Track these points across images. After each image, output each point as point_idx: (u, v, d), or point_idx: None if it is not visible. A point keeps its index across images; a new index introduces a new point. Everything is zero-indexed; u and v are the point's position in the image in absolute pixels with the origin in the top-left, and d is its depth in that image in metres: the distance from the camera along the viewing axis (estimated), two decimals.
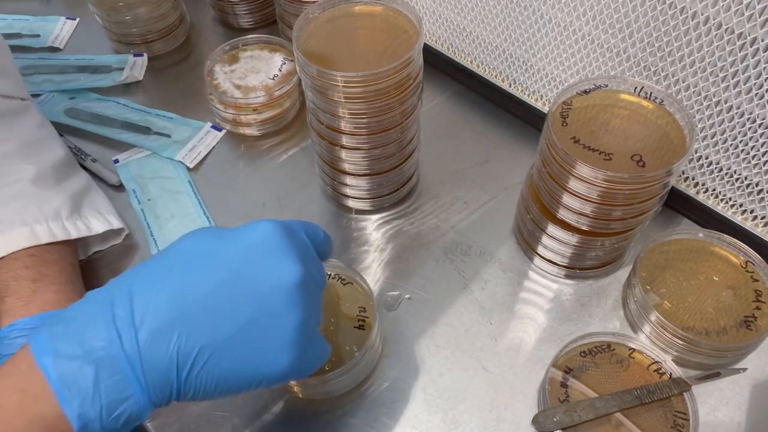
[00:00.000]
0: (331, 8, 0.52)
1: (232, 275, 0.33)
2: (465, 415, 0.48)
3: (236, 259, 0.33)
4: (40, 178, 0.53)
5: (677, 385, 0.46)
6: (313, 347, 0.36)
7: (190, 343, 0.31)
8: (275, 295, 0.33)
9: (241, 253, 0.34)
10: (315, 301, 0.36)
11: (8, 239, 0.49)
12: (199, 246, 0.34)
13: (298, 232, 0.37)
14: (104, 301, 0.32)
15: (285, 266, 0.34)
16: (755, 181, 0.51)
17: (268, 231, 0.35)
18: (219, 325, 0.32)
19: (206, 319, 0.31)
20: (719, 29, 0.45)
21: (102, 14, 0.75)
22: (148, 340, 0.31)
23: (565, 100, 0.48)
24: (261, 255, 0.34)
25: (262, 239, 0.34)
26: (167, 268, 0.33)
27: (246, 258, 0.33)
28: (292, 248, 0.34)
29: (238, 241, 0.34)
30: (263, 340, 0.33)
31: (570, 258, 0.53)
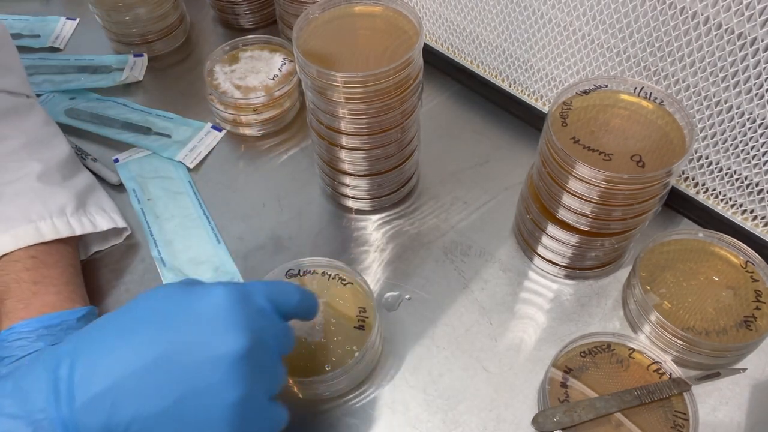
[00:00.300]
0: (331, 8, 0.52)
1: (172, 346, 0.32)
2: (465, 415, 0.48)
3: (180, 328, 0.33)
4: (46, 175, 0.53)
5: (677, 385, 0.46)
6: (260, 418, 0.35)
7: (121, 414, 0.31)
8: (212, 369, 0.32)
9: (185, 322, 0.33)
10: (266, 371, 0.35)
11: (13, 236, 0.49)
12: (150, 311, 0.34)
13: (255, 297, 0.35)
14: (50, 362, 0.32)
15: (225, 338, 0.33)
16: (755, 181, 0.51)
17: (218, 299, 0.34)
18: (152, 398, 0.31)
19: (140, 391, 0.31)
20: (719, 29, 0.45)
21: (102, 14, 0.75)
22: (82, 408, 0.31)
23: (565, 100, 0.48)
24: (204, 325, 0.33)
25: (209, 307, 0.33)
26: (113, 333, 0.33)
27: (189, 328, 0.33)
28: (237, 317, 0.33)
29: (188, 309, 0.33)
30: (198, 414, 0.32)
31: (570, 258, 0.53)
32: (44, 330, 0.45)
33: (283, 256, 0.57)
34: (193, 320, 0.33)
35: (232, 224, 0.60)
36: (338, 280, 0.50)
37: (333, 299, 0.49)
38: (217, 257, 0.57)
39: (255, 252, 0.58)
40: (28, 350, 0.44)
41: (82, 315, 0.48)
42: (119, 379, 0.31)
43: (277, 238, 0.59)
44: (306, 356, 0.46)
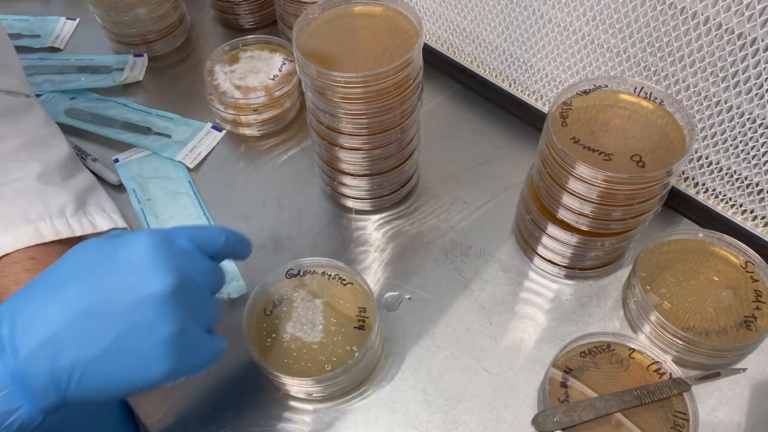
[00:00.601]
0: (331, 9, 0.52)
1: (102, 293, 0.34)
2: (465, 415, 0.48)
3: (109, 274, 0.35)
4: (45, 175, 0.53)
5: (677, 385, 0.46)
6: (196, 350, 0.37)
7: (63, 360, 0.33)
8: (144, 308, 0.34)
9: (114, 268, 0.35)
10: (197, 306, 0.37)
11: (13, 237, 0.49)
12: (78, 263, 0.36)
13: (178, 240, 0.38)
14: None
15: (152, 279, 0.35)
16: (755, 181, 0.51)
17: (140, 244, 0.36)
18: (89, 343, 0.34)
19: (77, 337, 0.33)
20: (719, 29, 0.45)
21: (102, 14, 0.75)
22: (26, 359, 0.33)
23: (565, 100, 0.48)
24: (131, 270, 0.35)
25: (135, 252, 0.36)
26: (47, 289, 0.35)
27: (117, 274, 0.35)
28: (161, 258, 0.36)
29: (115, 256, 0.36)
30: (136, 351, 0.34)
31: (570, 258, 0.53)
32: None
33: (283, 256, 0.57)
34: (121, 267, 0.35)
35: (232, 224, 0.60)
36: (338, 280, 0.50)
37: (333, 299, 0.49)
38: None
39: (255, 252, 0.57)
40: None
41: None
42: (56, 329, 0.33)
43: (277, 238, 0.59)
44: (306, 356, 0.46)
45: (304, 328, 0.48)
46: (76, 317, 0.34)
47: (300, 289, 0.50)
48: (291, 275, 0.51)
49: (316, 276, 0.51)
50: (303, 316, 0.48)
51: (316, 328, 0.48)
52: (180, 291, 0.36)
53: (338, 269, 0.51)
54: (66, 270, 0.36)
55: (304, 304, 0.49)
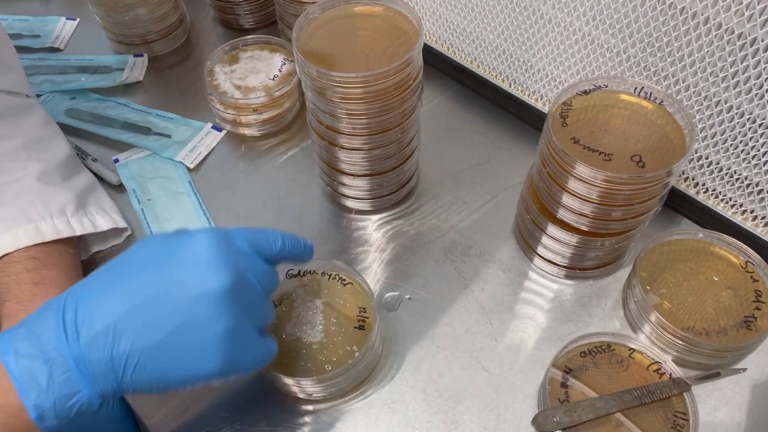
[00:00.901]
0: (331, 9, 0.52)
1: (162, 286, 0.36)
2: (465, 415, 0.48)
3: (168, 270, 0.36)
4: (46, 175, 0.53)
5: (677, 386, 0.46)
6: (248, 349, 0.38)
7: (122, 347, 0.34)
8: (201, 303, 0.35)
9: (173, 264, 0.36)
10: (251, 307, 0.38)
11: (13, 237, 0.49)
12: (142, 257, 0.37)
13: (236, 241, 0.39)
14: (57, 308, 0.35)
15: (211, 276, 0.36)
16: (755, 181, 0.51)
17: (201, 242, 0.37)
18: (148, 332, 0.35)
19: (137, 326, 0.35)
20: (719, 29, 0.45)
21: (102, 15, 0.75)
22: (87, 344, 0.34)
23: (564, 100, 0.48)
24: (192, 265, 0.36)
25: (195, 250, 0.37)
26: (111, 280, 0.37)
27: (177, 269, 0.36)
28: (220, 257, 0.36)
29: (176, 253, 0.37)
30: (191, 345, 0.36)
31: (570, 258, 0.53)
32: None
33: None
34: (181, 262, 0.36)
35: (232, 224, 0.60)
36: (338, 280, 0.50)
37: (333, 299, 0.49)
38: None
39: None
40: None
41: None
42: (116, 318, 0.35)
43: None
44: (306, 356, 0.46)
45: (304, 328, 0.48)
46: (135, 307, 0.35)
47: (300, 289, 0.50)
48: (291, 275, 0.51)
49: (316, 276, 0.51)
50: (303, 316, 0.48)
51: (316, 328, 0.48)
52: (235, 290, 0.36)
53: (338, 269, 0.51)
54: (129, 262, 0.37)
55: (304, 305, 0.49)
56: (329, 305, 0.49)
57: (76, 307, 0.35)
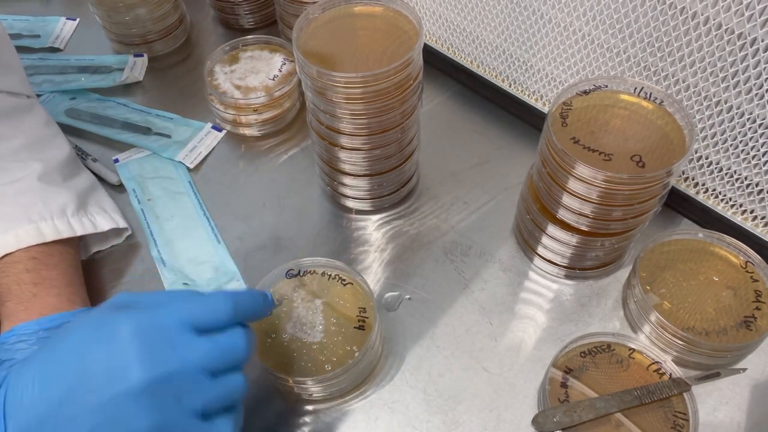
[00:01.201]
0: (331, 9, 0.52)
1: (86, 380, 0.34)
2: (465, 415, 0.48)
3: (93, 361, 0.34)
4: (47, 175, 0.53)
5: (677, 386, 0.46)
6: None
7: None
8: (118, 401, 0.34)
9: (99, 354, 0.34)
10: (187, 394, 0.35)
11: (14, 236, 0.49)
12: (74, 340, 0.36)
13: (165, 327, 0.36)
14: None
15: (128, 370, 0.34)
16: (755, 181, 0.51)
17: (125, 330, 0.35)
18: (69, 430, 0.33)
19: (57, 424, 0.33)
20: (719, 29, 0.45)
21: (102, 15, 0.75)
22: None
23: (564, 100, 0.48)
24: (113, 357, 0.34)
25: (119, 339, 0.35)
26: (41, 364, 0.35)
27: (101, 360, 0.34)
28: (141, 349, 0.34)
29: (103, 341, 0.35)
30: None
31: (570, 258, 0.53)
32: (44, 332, 0.45)
33: (283, 256, 0.57)
34: (105, 353, 0.34)
35: (232, 224, 0.60)
36: (338, 280, 0.50)
37: (333, 299, 0.49)
38: (217, 257, 0.57)
39: (255, 252, 0.58)
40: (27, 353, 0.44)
41: None
42: (38, 414, 0.34)
43: (277, 238, 0.59)
44: (306, 356, 0.46)
45: (304, 328, 0.48)
46: (56, 405, 0.34)
47: (300, 290, 0.50)
48: (291, 275, 0.51)
49: (315, 276, 0.51)
50: (303, 317, 0.48)
51: (316, 328, 0.48)
52: (160, 382, 0.34)
53: (338, 269, 0.51)
54: (60, 349, 0.35)
55: (304, 305, 0.49)
56: (329, 305, 0.49)
57: (5, 395, 0.35)
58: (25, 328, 0.45)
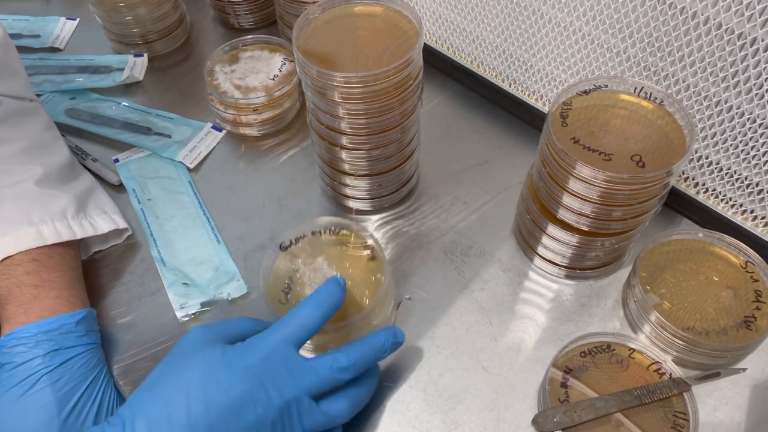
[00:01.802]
0: (331, 9, 0.52)
1: (222, 411, 0.37)
2: (465, 415, 0.48)
3: (224, 392, 0.38)
4: (47, 178, 0.53)
5: (677, 385, 0.46)
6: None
7: None
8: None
9: (229, 385, 0.38)
10: (300, 420, 0.40)
11: (14, 239, 0.49)
12: (198, 371, 0.38)
13: (278, 353, 0.40)
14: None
15: (258, 403, 0.38)
16: (755, 181, 0.51)
17: (240, 367, 0.39)
18: None
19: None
20: (719, 29, 0.45)
21: (102, 14, 0.75)
22: None
23: (564, 100, 0.48)
24: (244, 394, 0.38)
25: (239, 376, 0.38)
26: (167, 393, 0.37)
27: (232, 391, 0.38)
28: (265, 382, 0.39)
29: (232, 372, 0.38)
30: None
31: (570, 258, 0.53)
32: (43, 335, 0.45)
33: None
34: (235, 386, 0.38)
35: (232, 224, 0.60)
36: (329, 233, 0.50)
37: (332, 250, 0.49)
38: (217, 257, 0.57)
39: (255, 252, 0.58)
40: (27, 357, 0.44)
41: (81, 318, 0.48)
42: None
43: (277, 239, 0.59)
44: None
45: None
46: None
47: (297, 259, 0.49)
48: (284, 247, 0.50)
49: (306, 239, 0.50)
50: (315, 277, 0.48)
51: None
52: (283, 410, 0.39)
53: (323, 225, 0.51)
54: (183, 377, 0.38)
55: (309, 268, 0.49)
56: (332, 256, 0.49)
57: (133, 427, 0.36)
58: (24, 331, 0.45)
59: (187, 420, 0.35)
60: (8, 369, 0.44)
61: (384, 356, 0.44)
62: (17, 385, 0.43)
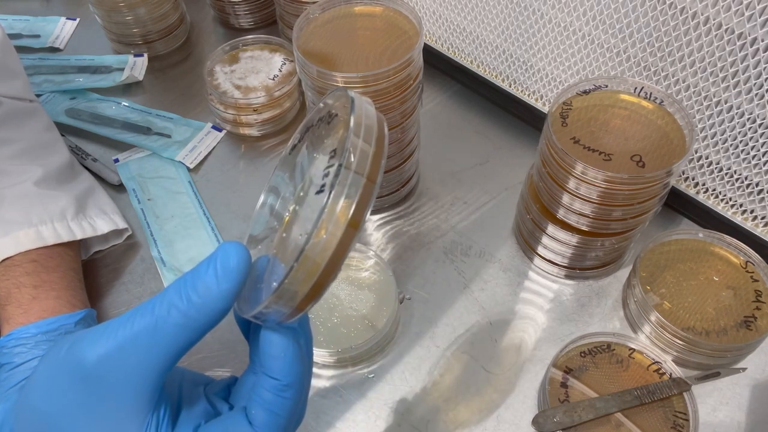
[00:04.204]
0: (331, 8, 0.52)
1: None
2: (465, 415, 0.48)
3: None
4: (46, 179, 0.53)
5: (677, 385, 0.46)
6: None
7: None
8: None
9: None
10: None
11: (14, 239, 0.49)
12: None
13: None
14: None
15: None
16: (755, 181, 0.51)
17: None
18: None
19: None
20: (719, 29, 0.45)
21: (102, 14, 0.75)
22: None
23: (565, 100, 0.48)
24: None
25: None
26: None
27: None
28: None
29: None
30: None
31: (570, 258, 0.53)
32: (42, 336, 0.45)
33: None
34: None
35: (232, 224, 0.60)
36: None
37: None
38: None
39: None
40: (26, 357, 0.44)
41: (80, 318, 0.47)
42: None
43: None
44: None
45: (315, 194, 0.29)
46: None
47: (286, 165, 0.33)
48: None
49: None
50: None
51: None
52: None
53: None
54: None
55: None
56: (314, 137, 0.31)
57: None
58: (23, 332, 0.45)
59: None
60: (7, 369, 0.43)
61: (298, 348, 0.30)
62: (16, 385, 0.43)
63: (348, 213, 0.24)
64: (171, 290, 0.27)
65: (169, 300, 0.26)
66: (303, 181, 0.30)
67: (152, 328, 0.26)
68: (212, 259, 0.26)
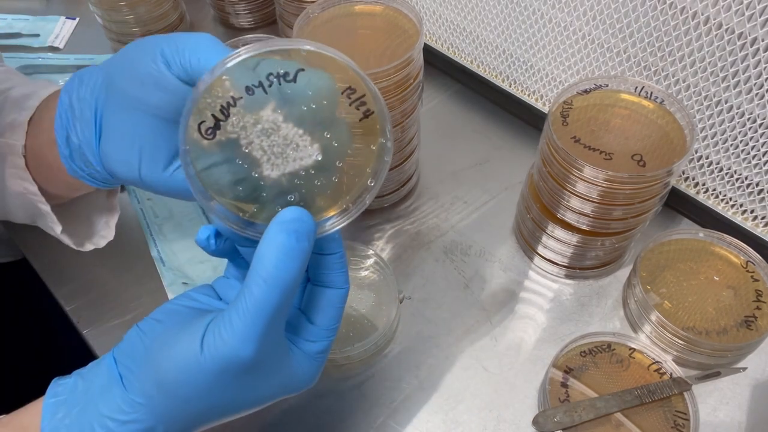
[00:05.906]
0: (331, 8, 0.52)
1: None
2: (465, 415, 0.48)
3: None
4: None
5: (677, 385, 0.46)
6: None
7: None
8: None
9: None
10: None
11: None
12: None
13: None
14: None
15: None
16: (755, 181, 0.51)
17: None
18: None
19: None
20: (719, 29, 0.45)
21: (102, 14, 0.75)
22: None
23: (565, 99, 0.48)
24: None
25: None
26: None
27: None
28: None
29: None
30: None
31: (570, 258, 0.53)
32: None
33: None
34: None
35: None
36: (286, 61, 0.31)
37: (292, 98, 0.31)
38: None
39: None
40: None
41: None
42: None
43: None
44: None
45: (277, 161, 0.29)
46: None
47: (232, 116, 0.30)
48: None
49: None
50: (268, 145, 0.30)
51: (300, 147, 0.29)
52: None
53: (262, 46, 0.31)
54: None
55: (254, 130, 0.30)
56: (289, 106, 0.29)
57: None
58: None
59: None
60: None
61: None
62: None
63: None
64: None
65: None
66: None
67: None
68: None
